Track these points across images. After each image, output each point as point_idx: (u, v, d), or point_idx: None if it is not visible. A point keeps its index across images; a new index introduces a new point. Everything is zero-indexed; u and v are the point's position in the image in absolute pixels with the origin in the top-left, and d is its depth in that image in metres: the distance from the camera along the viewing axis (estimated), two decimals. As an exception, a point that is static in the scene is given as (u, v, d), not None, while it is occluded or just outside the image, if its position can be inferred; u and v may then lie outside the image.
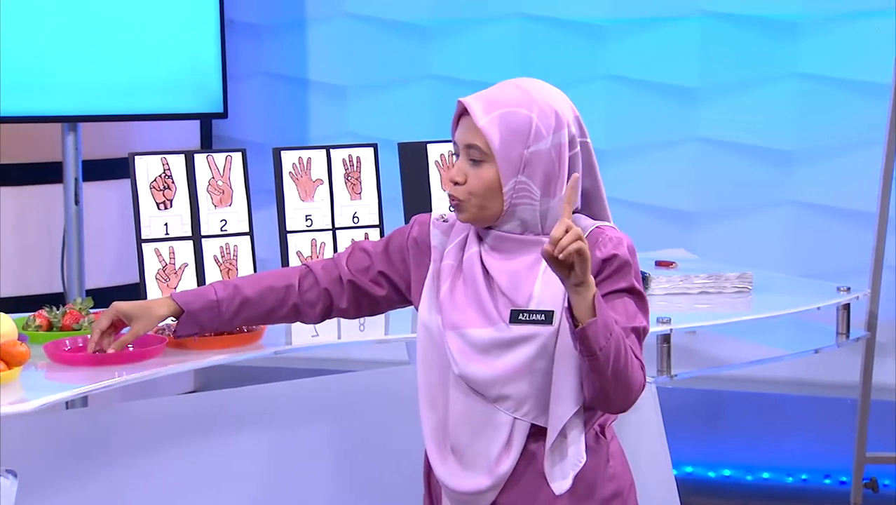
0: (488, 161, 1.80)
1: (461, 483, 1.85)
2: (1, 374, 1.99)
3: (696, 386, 4.01)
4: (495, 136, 1.78)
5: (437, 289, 1.88)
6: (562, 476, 1.82)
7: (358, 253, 2.01)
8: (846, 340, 3.01)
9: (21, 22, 3.79)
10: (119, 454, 2.49)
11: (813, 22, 4.12)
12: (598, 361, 1.70)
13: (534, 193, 1.81)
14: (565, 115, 1.82)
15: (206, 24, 4.06)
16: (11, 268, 4.13)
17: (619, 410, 1.80)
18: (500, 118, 1.79)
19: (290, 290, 2.03)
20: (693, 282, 2.98)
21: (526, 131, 1.79)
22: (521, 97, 1.81)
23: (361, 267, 2.00)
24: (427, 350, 1.87)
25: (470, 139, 1.81)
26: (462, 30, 4.49)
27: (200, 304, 2.04)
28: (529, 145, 1.79)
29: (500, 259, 1.84)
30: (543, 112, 1.80)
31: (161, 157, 2.57)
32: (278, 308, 2.04)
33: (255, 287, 2.04)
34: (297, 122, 4.73)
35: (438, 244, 1.92)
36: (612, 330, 1.70)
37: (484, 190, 1.81)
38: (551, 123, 1.80)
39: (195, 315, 2.05)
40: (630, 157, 4.28)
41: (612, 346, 1.70)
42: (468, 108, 1.81)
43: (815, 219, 4.16)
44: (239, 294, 2.04)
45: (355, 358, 3.87)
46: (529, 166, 1.80)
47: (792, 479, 4.01)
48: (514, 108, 1.79)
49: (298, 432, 2.70)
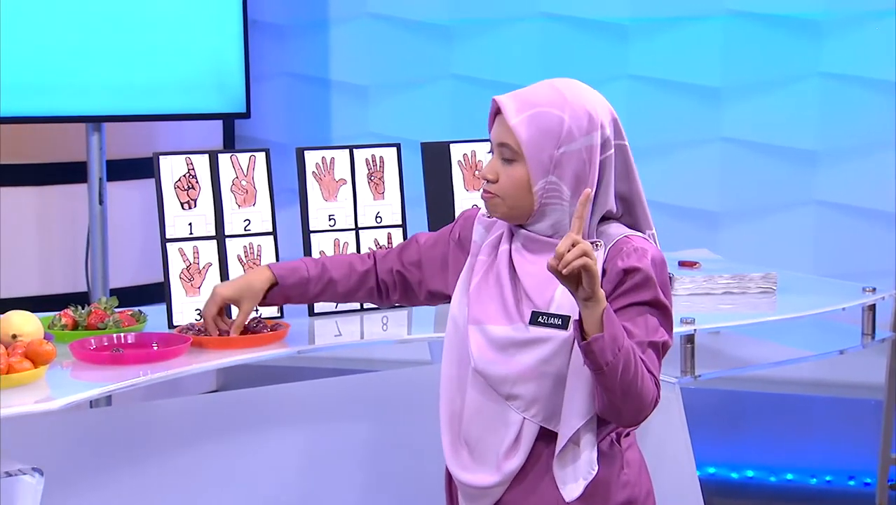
0: (519, 160, 1.81)
1: (470, 477, 1.86)
2: (27, 372, 2.00)
3: (719, 386, 4.00)
4: (525, 136, 1.79)
5: (469, 283, 1.90)
6: (573, 481, 1.82)
7: (413, 245, 2.09)
8: (871, 341, 2.99)
9: (45, 23, 3.81)
10: (142, 453, 2.50)
11: (837, 21, 4.10)
12: (604, 376, 1.70)
13: (564, 194, 1.81)
14: (600, 116, 1.82)
15: (229, 24, 4.07)
16: (36, 267, 4.16)
17: (629, 425, 1.81)
18: (531, 118, 1.79)
19: (368, 274, 2.12)
20: (717, 282, 2.97)
21: (557, 132, 1.79)
22: (555, 97, 1.81)
23: (412, 259, 2.07)
24: (452, 342, 1.90)
25: (502, 138, 1.82)
26: (483, 30, 4.48)
27: (293, 280, 2.14)
28: (560, 146, 1.79)
29: (528, 259, 1.85)
30: (576, 113, 1.80)
31: (185, 157, 2.58)
32: (357, 291, 2.14)
33: (340, 270, 2.14)
34: (319, 122, 4.74)
35: (479, 239, 1.94)
36: (620, 345, 1.69)
37: (513, 189, 1.82)
38: (584, 125, 1.80)
39: (287, 290, 2.15)
40: (653, 158, 4.27)
41: (621, 361, 1.69)
42: (501, 106, 1.81)
43: (839, 219, 4.13)
44: (326, 274, 2.13)
45: (378, 358, 3.88)
46: (560, 167, 1.80)
47: (816, 480, 3.98)
48: (546, 109, 1.79)
49: (321, 432, 2.70)
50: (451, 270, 1.99)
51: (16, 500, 1.88)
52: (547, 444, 1.83)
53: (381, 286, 2.12)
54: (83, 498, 2.43)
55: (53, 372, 2.10)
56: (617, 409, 1.74)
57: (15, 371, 1.99)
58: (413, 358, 3.24)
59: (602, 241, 1.82)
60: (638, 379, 1.72)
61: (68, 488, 2.38)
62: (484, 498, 1.87)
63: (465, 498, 1.90)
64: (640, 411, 1.76)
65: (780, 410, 4.33)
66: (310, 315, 2.64)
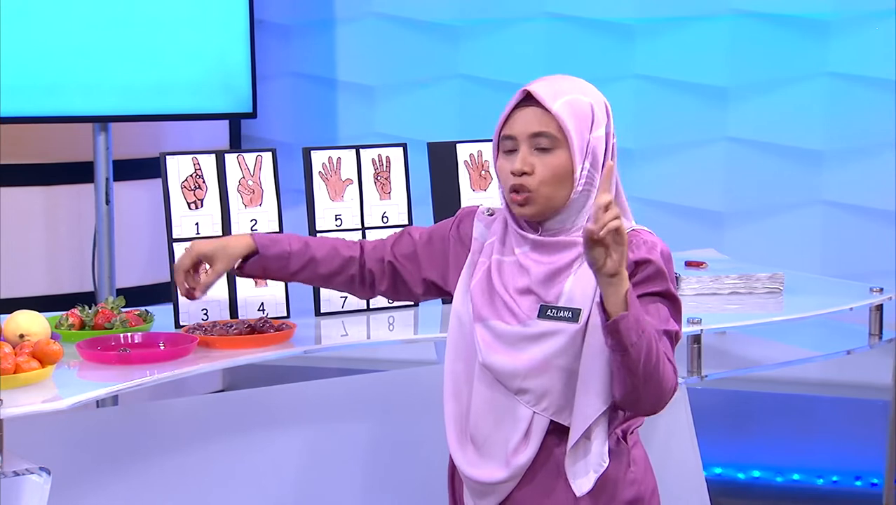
0: (559, 147, 1.81)
1: (478, 472, 1.86)
2: (34, 372, 2.00)
3: (726, 387, 3.99)
4: (570, 120, 1.80)
5: (471, 280, 1.90)
6: (584, 475, 1.82)
7: (406, 238, 2.06)
8: (878, 342, 2.98)
9: (51, 23, 3.82)
10: (148, 452, 2.51)
11: (843, 21, 4.09)
12: (629, 357, 1.69)
13: (595, 181, 1.83)
14: (608, 106, 1.87)
15: (235, 24, 4.07)
16: (43, 267, 4.17)
17: (649, 412, 1.80)
18: (568, 104, 1.81)
19: (351, 261, 2.09)
20: (723, 282, 2.97)
21: (589, 117, 1.83)
22: (577, 86, 1.85)
23: (405, 252, 2.05)
24: (457, 339, 1.90)
25: (538, 127, 1.82)
26: (490, 30, 4.48)
27: (275, 251, 2.11)
28: (592, 131, 1.83)
29: (535, 256, 1.85)
30: (597, 100, 1.85)
31: (192, 157, 2.58)
32: (337, 274, 2.11)
33: (323, 250, 2.11)
34: (325, 122, 4.74)
35: (479, 236, 1.94)
36: (643, 328, 1.69)
37: (553, 178, 1.81)
38: (603, 112, 1.85)
39: (266, 260, 2.12)
40: (659, 157, 4.26)
41: (644, 343, 1.69)
42: (536, 94, 1.82)
43: (846, 219, 4.12)
44: (309, 252, 2.10)
45: (384, 358, 3.88)
46: (591, 153, 1.83)
47: (822, 481, 3.98)
48: (576, 95, 1.83)
49: (326, 432, 2.71)
50: (453, 265, 1.98)
51: (23, 499, 1.89)
52: (556, 438, 1.83)
53: (365, 275, 2.08)
54: (90, 497, 2.44)
55: (60, 372, 2.10)
56: (638, 394, 1.74)
57: (22, 371, 1.99)
58: (419, 358, 3.24)
59: None
60: (660, 364, 1.72)
61: (75, 488, 2.39)
62: (492, 494, 1.87)
63: (473, 494, 1.90)
64: (660, 398, 1.75)
65: (787, 410, 4.32)
66: (316, 315, 2.65)
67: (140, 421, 2.56)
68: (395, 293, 2.09)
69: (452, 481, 1.98)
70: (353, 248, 2.11)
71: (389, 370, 2.97)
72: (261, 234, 2.14)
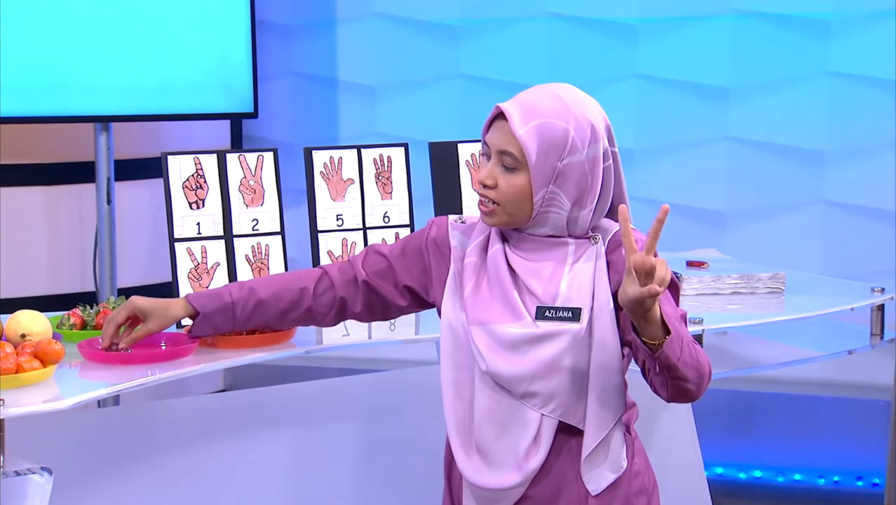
0: (521, 169, 1.80)
1: (487, 480, 1.85)
2: (35, 372, 2.00)
3: (727, 387, 3.99)
4: (532, 147, 1.78)
5: (461, 287, 1.88)
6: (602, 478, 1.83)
7: (373, 255, 2.02)
8: (880, 342, 2.98)
9: (52, 23, 3.82)
10: (150, 452, 2.51)
11: (845, 21, 4.09)
12: (678, 370, 1.71)
13: (563, 203, 1.81)
14: (599, 127, 1.82)
15: (236, 24, 4.07)
16: (44, 267, 4.17)
17: (696, 399, 1.80)
18: (537, 129, 1.78)
19: (304, 292, 2.04)
20: (725, 282, 2.96)
21: (562, 144, 1.79)
22: (559, 108, 1.80)
23: (377, 269, 2.01)
24: (452, 348, 1.88)
25: (504, 146, 1.80)
26: (491, 29, 4.48)
27: (215, 306, 2.08)
28: (563, 158, 1.79)
29: (524, 257, 1.85)
30: (580, 124, 1.80)
31: (193, 157, 2.58)
32: (292, 310, 2.06)
33: (270, 289, 2.06)
34: (326, 122, 4.74)
35: (458, 244, 1.92)
36: (682, 336, 1.71)
37: (514, 197, 1.81)
38: (587, 136, 1.80)
39: (210, 317, 2.08)
40: (661, 157, 4.26)
41: (686, 349, 1.71)
42: (507, 114, 1.80)
43: (848, 219, 4.12)
44: (254, 297, 2.06)
45: (385, 358, 3.88)
46: (561, 177, 1.79)
47: (824, 480, 3.98)
48: (551, 120, 1.79)
49: (328, 432, 2.70)
50: (435, 275, 1.95)
51: (24, 499, 1.89)
52: (566, 436, 1.83)
53: (333, 303, 2.03)
54: (91, 497, 2.44)
55: (62, 372, 2.10)
56: (687, 391, 1.76)
57: (24, 371, 1.99)
58: (420, 358, 3.24)
59: (599, 235, 1.84)
60: (698, 356, 1.75)
61: (76, 488, 2.39)
62: (502, 500, 1.86)
63: (480, 502, 1.89)
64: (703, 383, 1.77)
65: (789, 410, 4.32)
66: (317, 315, 2.64)
67: (141, 421, 2.56)
68: (369, 314, 2.05)
69: (450, 483, 1.97)
70: (306, 278, 2.05)
71: (390, 370, 2.96)
72: (198, 294, 2.10)
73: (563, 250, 1.83)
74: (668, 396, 1.77)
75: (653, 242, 1.66)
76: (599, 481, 1.83)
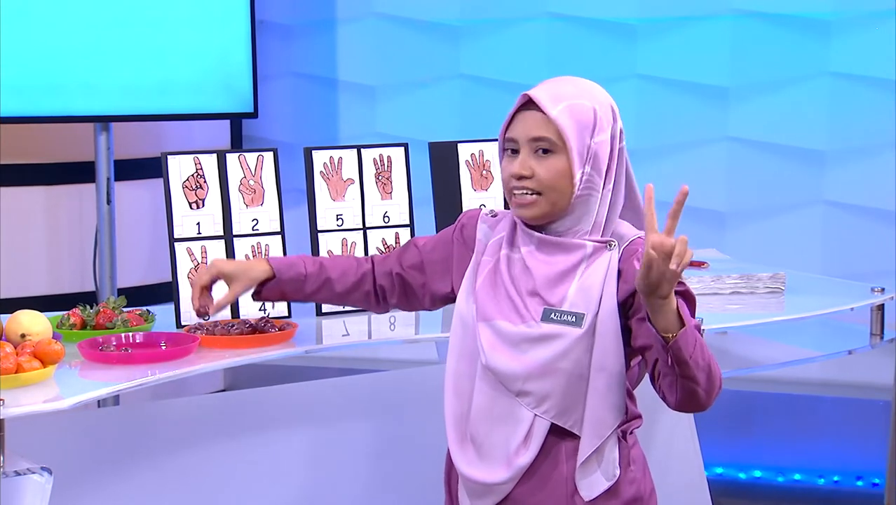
0: (558, 152, 1.82)
1: (478, 473, 1.86)
2: (35, 372, 2.00)
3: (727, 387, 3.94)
4: (569, 126, 1.80)
5: (475, 280, 1.90)
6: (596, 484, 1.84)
7: (412, 248, 2.06)
8: (880, 342, 2.98)
9: (52, 23, 3.82)
10: (150, 452, 2.51)
11: (845, 21, 4.09)
12: (689, 368, 1.70)
13: (596, 185, 1.83)
14: (615, 108, 1.87)
15: (236, 24, 4.07)
16: (44, 267, 4.17)
17: (704, 407, 1.78)
18: (568, 109, 1.81)
19: (365, 277, 2.10)
20: (725, 282, 2.96)
21: (591, 122, 1.82)
22: (581, 90, 1.85)
23: (412, 263, 2.05)
24: (460, 339, 1.90)
25: (538, 131, 1.82)
26: (491, 29, 4.48)
27: (291, 274, 2.11)
28: (594, 136, 1.82)
29: (540, 258, 1.86)
30: (602, 103, 1.85)
31: (193, 157, 2.58)
32: (353, 292, 2.11)
33: (338, 270, 2.11)
34: (326, 122, 4.74)
35: (483, 237, 1.94)
36: (696, 336, 1.71)
37: (555, 181, 1.82)
38: (609, 116, 1.85)
39: (283, 284, 2.11)
40: (661, 157, 4.26)
41: (699, 351, 1.71)
42: (536, 100, 1.82)
43: (848, 219, 4.12)
44: (324, 273, 2.10)
45: (385, 357, 3.88)
46: (594, 157, 1.83)
47: (824, 480, 3.98)
48: (578, 101, 1.83)
49: (328, 432, 2.70)
50: (457, 270, 1.98)
51: (24, 499, 1.89)
52: (557, 438, 1.84)
53: (377, 290, 2.09)
54: (91, 497, 2.44)
55: (62, 371, 2.10)
56: (696, 393, 1.73)
57: (24, 371, 1.99)
58: (420, 358, 3.24)
59: (615, 241, 1.84)
60: (710, 362, 1.73)
61: (76, 487, 2.39)
62: (490, 495, 1.87)
63: (470, 495, 1.90)
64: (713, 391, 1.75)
65: (788, 410, 4.32)
66: (317, 315, 2.65)
67: (141, 421, 2.56)
68: (407, 304, 2.10)
69: (449, 481, 1.98)
70: (364, 264, 2.12)
71: (390, 370, 2.97)
72: (277, 259, 2.15)
73: (578, 253, 1.84)
74: (677, 400, 1.75)
75: (673, 224, 1.68)
76: (592, 488, 1.84)
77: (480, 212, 1.99)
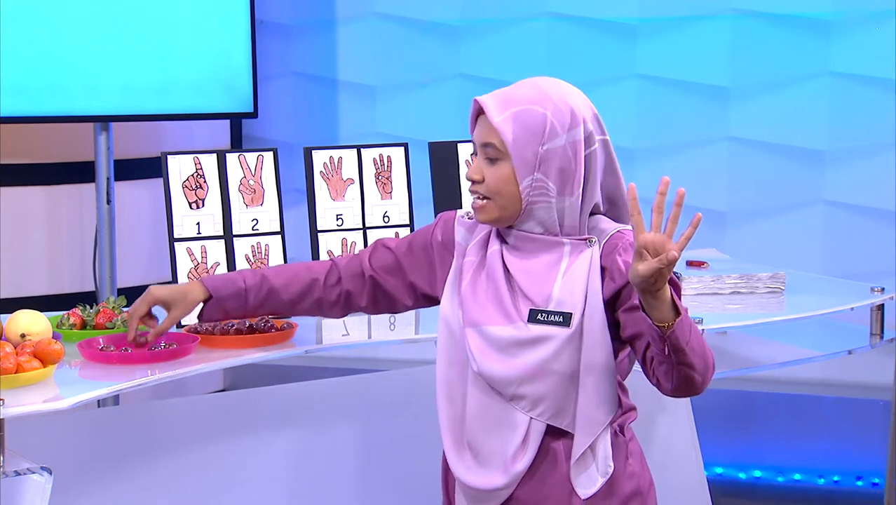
0: (504, 159, 1.81)
1: (476, 479, 1.86)
2: (35, 372, 2.00)
3: (727, 387, 3.99)
4: (509, 134, 1.79)
5: (459, 284, 1.89)
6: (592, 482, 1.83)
7: (381, 250, 2.03)
8: (880, 342, 2.98)
9: (52, 23, 3.82)
10: (149, 452, 2.51)
11: (845, 20, 4.09)
12: (686, 355, 1.69)
13: (550, 191, 1.81)
14: (581, 112, 1.82)
15: (236, 24, 4.07)
16: (44, 267, 4.17)
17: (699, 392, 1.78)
18: (514, 116, 1.79)
19: (315, 283, 2.06)
20: (725, 282, 2.96)
21: (541, 129, 1.79)
22: (537, 95, 1.81)
23: (384, 264, 2.02)
24: (447, 346, 1.89)
25: (485, 137, 1.82)
26: (491, 29, 4.48)
27: (229, 291, 2.09)
28: (544, 143, 1.79)
29: (520, 258, 1.85)
30: (558, 109, 1.80)
31: (193, 157, 2.58)
32: (301, 300, 2.08)
33: (282, 278, 2.08)
34: (326, 122, 4.75)
35: (462, 240, 1.93)
36: (690, 323, 1.70)
37: (500, 187, 1.81)
38: (566, 121, 1.80)
39: (223, 301, 2.10)
40: (661, 157, 4.26)
41: (694, 336, 1.70)
42: (483, 106, 1.81)
43: (848, 219, 4.12)
44: (266, 284, 2.08)
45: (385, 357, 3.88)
46: (545, 163, 1.80)
47: (824, 480, 3.98)
48: (528, 106, 1.80)
49: (327, 431, 2.71)
50: (440, 271, 1.96)
51: (24, 499, 1.89)
52: (554, 439, 1.84)
53: (338, 295, 2.05)
54: (91, 497, 2.44)
55: (62, 371, 2.10)
56: (692, 379, 1.73)
57: (23, 370, 1.99)
58: (420, 358, 3.24)
59: (595, 237, 1.83)
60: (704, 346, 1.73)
61: (76, 487, 2.39)
62: (490, 500, 1.87)
63: (469, 500, 1.89)
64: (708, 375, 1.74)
65: (788, 410, 4.32)
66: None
67: (141, 421, 2.56)
68: (375, 308, 2.06)
69: (446, 482, 1.98)
70: (317, 270, 2.07)
71: (390, 370, 2.97)
72: (213, 277, 2.12)
73: (558, 251, 1.83)
74: (673, 387, 1.75)
75: (672, 228, 1.68)
76: (589, 485, 1.83)
77: (456, 214, 1.97)
